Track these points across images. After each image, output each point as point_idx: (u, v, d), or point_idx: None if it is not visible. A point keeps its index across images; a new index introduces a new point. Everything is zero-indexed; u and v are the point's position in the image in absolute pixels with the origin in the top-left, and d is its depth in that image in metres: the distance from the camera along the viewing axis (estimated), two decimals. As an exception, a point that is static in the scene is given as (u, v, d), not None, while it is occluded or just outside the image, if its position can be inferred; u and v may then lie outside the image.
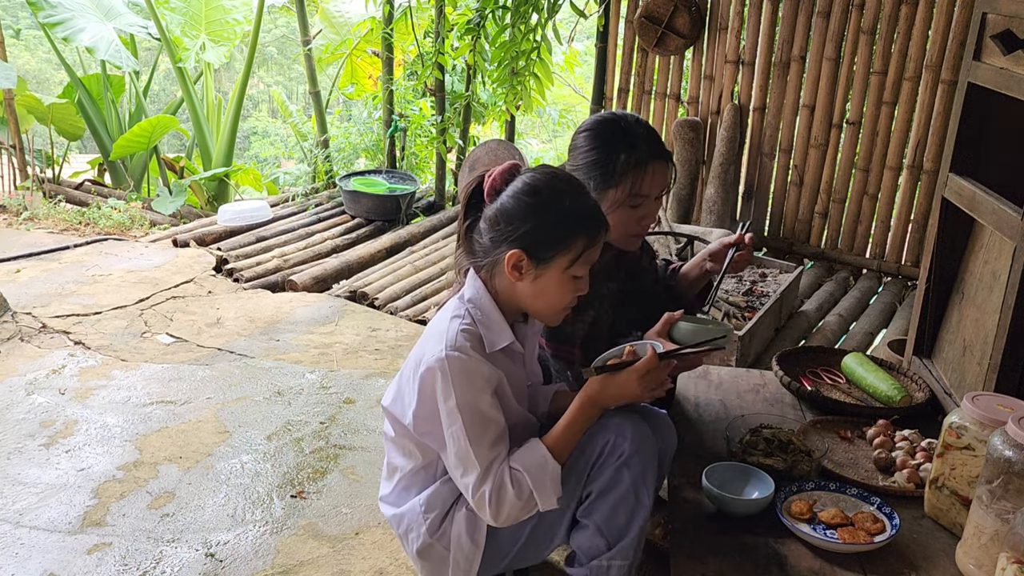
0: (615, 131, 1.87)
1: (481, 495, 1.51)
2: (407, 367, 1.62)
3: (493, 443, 1.52)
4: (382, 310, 3.91)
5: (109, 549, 2.13)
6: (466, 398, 1.49)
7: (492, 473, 1.51)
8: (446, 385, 1.49)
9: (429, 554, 1.63)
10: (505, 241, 1.53)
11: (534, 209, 1.52)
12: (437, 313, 1.65)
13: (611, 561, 1.57)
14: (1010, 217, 1.89)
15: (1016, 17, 1.93)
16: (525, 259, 1.52)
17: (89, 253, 4.39)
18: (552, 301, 1.57)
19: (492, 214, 1.55)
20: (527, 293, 1.56)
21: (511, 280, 1.55)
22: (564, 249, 1.52)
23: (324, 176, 5.79)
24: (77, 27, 5.90)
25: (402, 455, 1.67)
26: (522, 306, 1.60)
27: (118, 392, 2.94)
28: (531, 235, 1.52)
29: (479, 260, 1.58)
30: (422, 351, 1.57)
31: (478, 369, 1.51)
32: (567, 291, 1.56)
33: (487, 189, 1.57)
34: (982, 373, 2.00)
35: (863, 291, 4.32)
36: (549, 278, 1.54)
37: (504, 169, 1.57)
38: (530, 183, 1.54)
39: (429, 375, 1.51)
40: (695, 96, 4.87)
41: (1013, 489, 1.45)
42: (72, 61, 7.00)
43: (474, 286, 1.58)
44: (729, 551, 1.62)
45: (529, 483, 1.51)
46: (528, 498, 1.52)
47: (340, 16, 6.57)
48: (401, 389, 1.63)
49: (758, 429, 1.91)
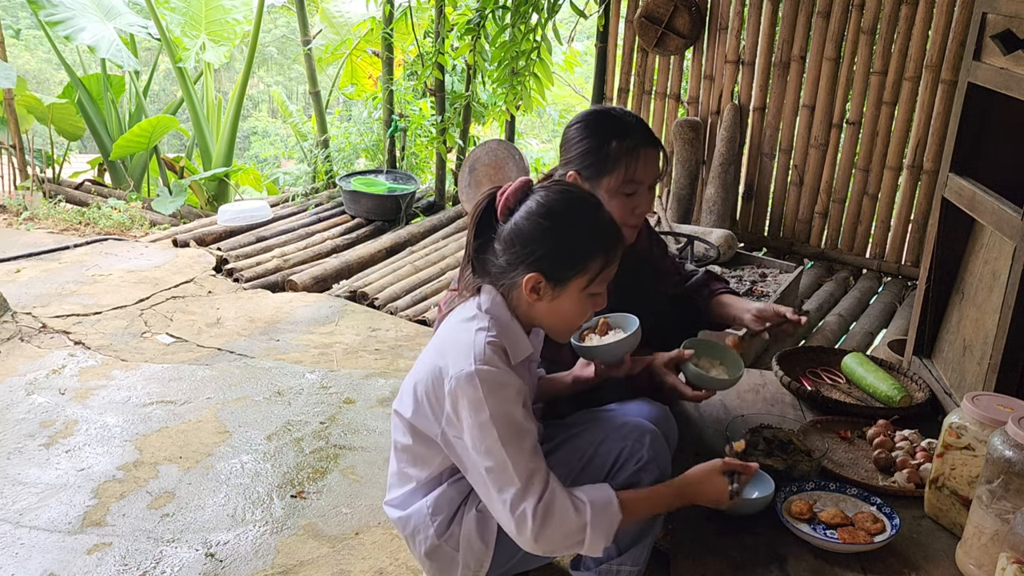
0: (606, 120, 1.90)
1: (522, 512, 1.43)
2: (423, 376, 1.56)
3: (532, 454, 1.46)
4: (382, 310, 3.91)
5: (109, 549, 2.13)
6: (500, 409, 1.44)
7: (534, 487, 1.44)
8: (477, 399, 1.44)
9: (437, 555, 1.62)
10: (522, 264, 1.51)
11: (551, 232, 1.50)
12: (448, 319, 1.61)
13: (621, 566, 1.56)
14: (1010, 217, 1.89)
15: (1016, 17, 1.93)
16: (544, 282, 1.51)
17: (89, 253, 4.39)
18: (568, 319, 1.57)
19: (508, 235, 1.52)
20: (543, 313, 1.55)
21: (528, 301, 1.53)
22: (582, 271, 1.51)
23: (324, 176, 5.79)
24: (78, 26, 5.91)
25: (415, 465, 1.63)
26: (537, 324, 1.59)
27: (118, 392, 2.94)
28: (549, 258, 1.50)
29: (495, 281, 1.55)
30: (442, 362, 1.51)
31: (509, 381, 1.47)
32: (584, 309, 1.55)
33: (500, 208, 1.54)
34: (982, 373, 2.00)
35: (863, 291, 4.33)
36: (567, 298, 1.52)
37: (517, 187, 1.55)
38: (546, 204, 1.51)
39: (459, 389, 1.46)
40: (695, 96, 4.87)
41: (1013, 489, 1.45)
42: (72, 61, 7.00)
43: (492, 299, 1.55)
44: (729, 551, 1.62)
45: (588, 515, 1.45)
46: (578, 530, 1.45)
47: (340, 16, 6.57)
48: (420, 399, 1.56)
49: (758, 429, 1.91)
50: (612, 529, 1.47)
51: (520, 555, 1.62)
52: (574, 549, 1.49)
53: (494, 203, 1.56)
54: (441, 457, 1.59)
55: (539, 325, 1.60)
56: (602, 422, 1.66)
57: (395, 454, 1.68)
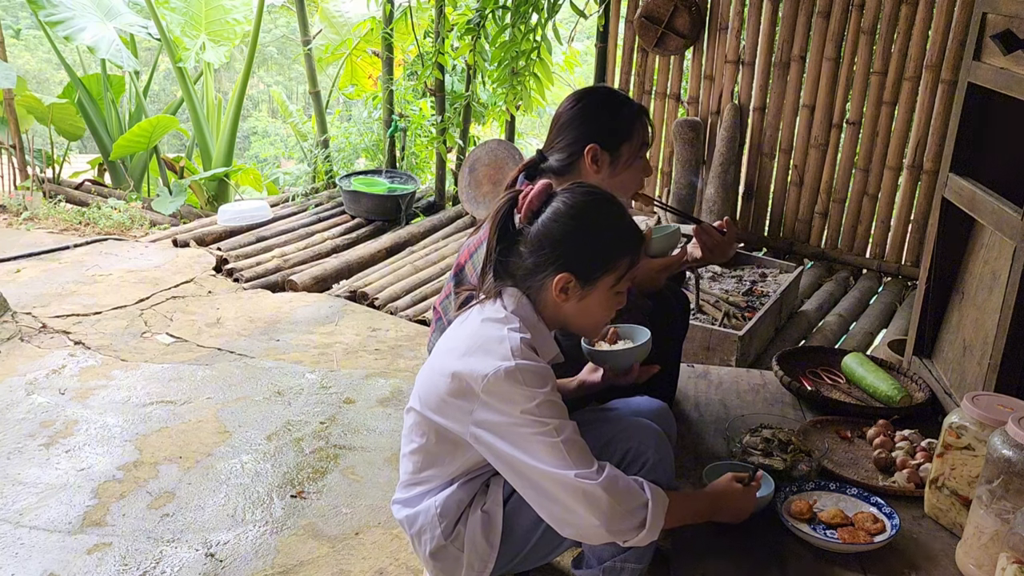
0: (604, 95, 2.02)
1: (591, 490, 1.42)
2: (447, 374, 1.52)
3: (579, 432, 1.48)
4: (382, 310, 3.91)
5: (109, 549, 2.13)
6: (546, 398, 1.46)
7: (593, 465, 1.44)
8: (522, 391, 1.44)
9: (442, 555, 1.62)
10: (552, 265, 1.53)
11: (581, 232, 1.53)
12: (466, 320, 1.59)
13: (624, 563, 1.56)
14: (1010, 217, 1.89)
15: (1016, 17, 1.93)
16: (574, 281, 1.53)
17: (89, 253, 4.39)
18: (596, 318, 1.59)
19: (535, 238, 1.54)
20: (572, 312, 1.57)
21: (557, 301, 1.55)
22: (612, 269, 1.53)
23: (324, 176, 5.79)
24: (78, 26, 5.91)
25: (434, 465, 1.61)
26: (564, 324, 1.61)
27: (118, 392, 2.94)
28: (580, 259, 1.53)
29: (520, 284, 1.56)
30: (473, 360, 1.49)
31: (548, 374, 1.50)
32: (611, 307, 1.58)
33: (524, 210, 1.56)
34: (982, 373, 2.00)
35: (863, 291, 4.33)
36: (595, 297, 1.55)
37: (540, 190, 1.57)
38: (573, 205, 1.54)
39: (500, 385, 1.45)
40: (695, 96, 4.88)
41: (1013, 489, 1.45)
42: (72, 61, 7.00)
43: (518, 301, 1.56)
44: (729, 551, 1.62)
45: (648, 492, 1.47)
46: (641, 507, 1.46)
47: (340, 16, 6.57)
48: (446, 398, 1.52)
49: (758, 429, 1.91)
50: (664, 513, 1.48)
51: (523, 554, 1.62)
52: (634, 533, 1.46)
53: (514, 206, 1.57)
54: (463, 458, 1.57)
55: (565, 325, 1.61)
56: (607, 422, 1.66)
57: (409, 454, 1.65)
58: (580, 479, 1.42)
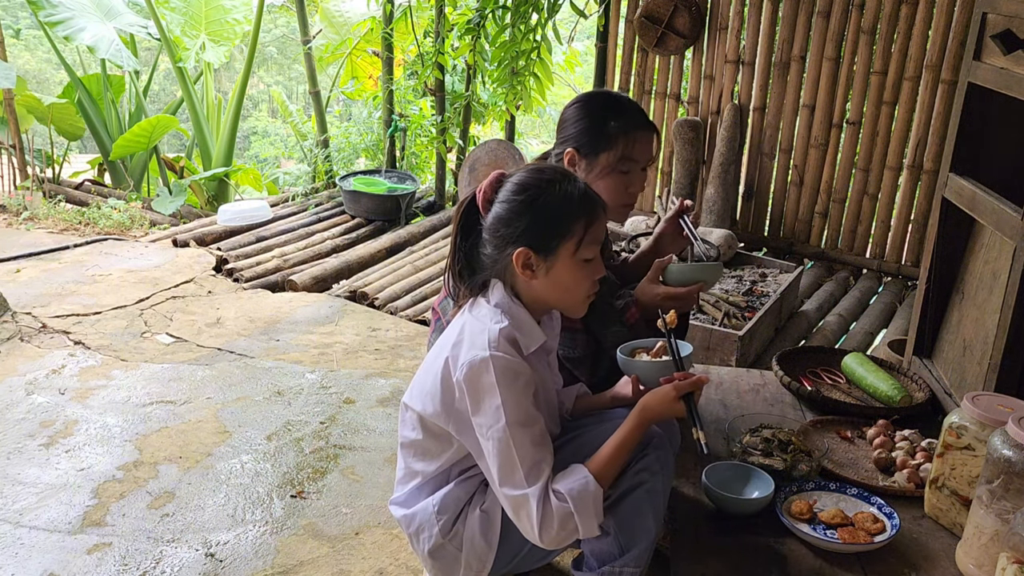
0: (604, 100, 2.00)
1: (527, 512, 1.47)
2: (435, 368, 1.57)
3: (538, 444, 1.49)
4: (382, 310, 3.91)
5: (109, 549, 2.13)
6: (512, 397, 1.47)
7: (539, 479, 1.47)
8: (490, 383, 1.47)
9: (441, 554, 1.62)
10: (509, 244, 1.54)
11: (527, 204, 1.54)
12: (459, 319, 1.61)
13: (624, 567, 1.56)
14: (1010, 217, 1.89)
15: (1016, 17, 1.93)
16: (532, 255, 1.53)
17: (89, 253, 4.38)
18: (572, 290, 1.58)
19: (491, 224, 1.56)
20: (545, 288, 1.57)
21: (526, 280, 1.55)
22: (567, 234, 1.53)
23: (324, 176, 5.79)
24: (78, 26, 5.91)
25: (423, 459, 1.64)
26: (545, 303, 1.61)
27: (118, 392, 2.94)
28: (531, 229, 1.53)
29: (494, 273, 1.58)
30: (455, 352, 1.54)
31: (521, 371, 1.50)
32: (583, 276, 1.57)
33: (481, 203, 1.58)
34: (982, 373, 2.00)
35: (863, 291, 4.32)
36: (561, 267, 1.54)
37: (492, 180, 1.59)
38: (518, 182, 1.57)
39: (472, 374, 1.48)
40: (695, 96, 4.87)
41: (1013, 489, 1.45)
42: (72, 61, 7.00)
43: (498, 292, 1.58)
44: (729, 551, 1.62)
45: (572, 505, 1.48)
46: (567, 518, 1.48)
47: (340, 16, 6.56)
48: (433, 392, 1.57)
49: (758, 429, 1.91)
50: (598, 505, 1.50)
51: (522, 555, 1.63)
52: (572, 537, 1.51)
53: (474, 204, 1.60)
54: (450, 452, 1.60)
55: (547, 304, 1.61)
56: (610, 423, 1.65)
57: (402, 450, 1.69)
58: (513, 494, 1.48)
